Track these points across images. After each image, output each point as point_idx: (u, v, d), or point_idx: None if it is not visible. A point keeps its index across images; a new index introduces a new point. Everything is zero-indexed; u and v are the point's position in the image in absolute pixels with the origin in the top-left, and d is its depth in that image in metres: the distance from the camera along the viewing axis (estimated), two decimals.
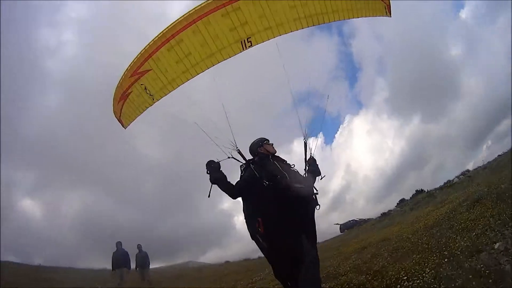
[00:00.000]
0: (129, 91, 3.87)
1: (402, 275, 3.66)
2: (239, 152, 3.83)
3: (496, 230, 4.11)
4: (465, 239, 4.32)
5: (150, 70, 3.64)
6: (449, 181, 19.08)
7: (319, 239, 3.62)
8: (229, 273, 13.11)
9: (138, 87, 3.79)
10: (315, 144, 4.03)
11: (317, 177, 3.82)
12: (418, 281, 3.21)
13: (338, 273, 5.49)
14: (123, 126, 4.27)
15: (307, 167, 3.84)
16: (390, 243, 6.89)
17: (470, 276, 2.86)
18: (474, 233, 4.45)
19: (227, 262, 24.36)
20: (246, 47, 3.53)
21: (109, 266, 11.35)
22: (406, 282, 3.35)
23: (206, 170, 3.58)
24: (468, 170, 19.68)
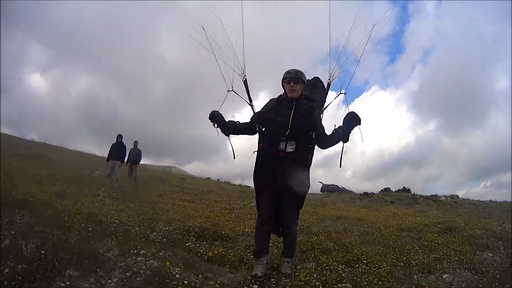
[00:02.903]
0: None
1: (363, 258, 4.25)
2: (245, 83, 3.55)
3: (451, 263, 4.59)
4: (424, 255, 4.83)
5: None
6: (436, 195, 20.00)
7: None
8: (209, 192, 13.97)
9: None
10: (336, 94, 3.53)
11: (341, 142, 3.27)
12: (374, 269, 3.84)
13: (311, 231, 6.20)
14: None
15: (339, 126, 3.24)
16: (363, 224, 7.66)
17: (414, 285, 3.53)
18: (433, 255, 4.95)
19: (208, 178, 26.59)
20: None
21: (98, 153, 12.11)
22: (364, 266, 3.97)
23: (213, 124, 3.45)
24: (457, 196, 20.42)
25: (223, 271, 3.46)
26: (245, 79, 3.53)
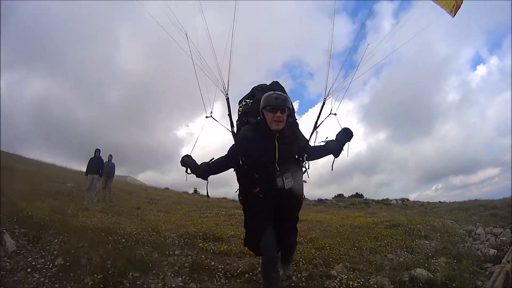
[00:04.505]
0: None
1: (327, 246, 5.63)
2: (227, 101, 2.97)
3: (393, 248, 5.99)
4: (372, 243, 6.23)
5: None
6: (387, 199, 21.84)
7: None
8: (178, 203, 14.87)
9: None
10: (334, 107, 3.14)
11: (331, 156, 3.12)
12: (335, 252, 5.22)
13: None
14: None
15: (331, 139, 3.09)
16: (322, 224, 9.12)
17: (364, 260, 4.94)
18: (379, 243, 6.32)
19: (166, 188, 26.81)
20: None
21: (57, 163, 12.07)
22: (328, 250, 5.38)
23: (186, 169, 3.00)
24: (407, 199, 22.33)
25: (234, 259, 4.71)
26: (228, 97, 2.98)
